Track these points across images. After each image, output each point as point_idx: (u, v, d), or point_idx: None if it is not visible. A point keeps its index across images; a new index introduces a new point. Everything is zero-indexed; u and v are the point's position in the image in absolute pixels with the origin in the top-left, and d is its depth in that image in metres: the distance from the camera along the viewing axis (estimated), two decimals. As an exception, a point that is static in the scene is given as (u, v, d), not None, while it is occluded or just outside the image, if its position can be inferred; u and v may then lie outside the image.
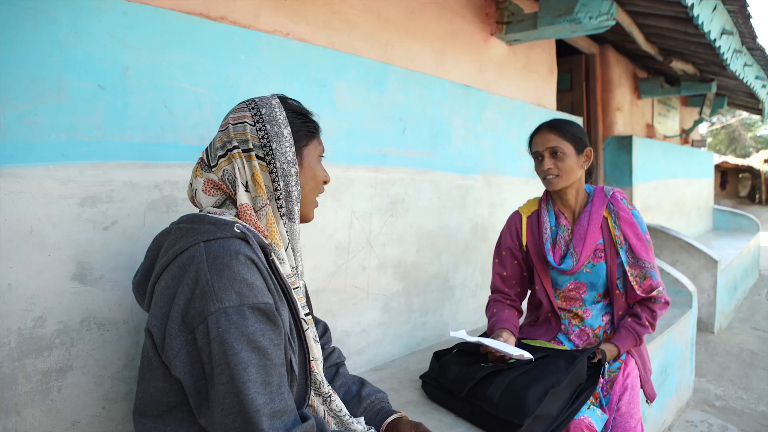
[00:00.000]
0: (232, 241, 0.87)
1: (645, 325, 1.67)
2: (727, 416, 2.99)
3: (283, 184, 0.98)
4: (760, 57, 4.36)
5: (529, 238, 1.83)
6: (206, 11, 1.50)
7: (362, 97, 1.96)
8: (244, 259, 0.86)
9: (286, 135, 0.99)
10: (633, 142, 4.93)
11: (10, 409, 1.09)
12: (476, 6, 2.80)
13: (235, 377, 0.81)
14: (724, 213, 7.98)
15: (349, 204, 1.92)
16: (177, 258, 0.87)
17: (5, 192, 1.07)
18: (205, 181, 0.99)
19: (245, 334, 0.82)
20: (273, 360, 0.85)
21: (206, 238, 0.87)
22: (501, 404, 1.39)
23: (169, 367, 0.85)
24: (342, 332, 1.92)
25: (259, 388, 0.82)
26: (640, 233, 1.70)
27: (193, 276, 0.84)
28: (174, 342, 0.84)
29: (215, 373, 0.82)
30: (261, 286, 0.87)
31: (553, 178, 1.71)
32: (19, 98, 1.08)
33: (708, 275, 4.48)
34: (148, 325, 0.88)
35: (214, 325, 0.81)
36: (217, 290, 0.82)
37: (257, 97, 1.03)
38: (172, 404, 0.90)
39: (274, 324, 0.87)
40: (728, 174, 21.42)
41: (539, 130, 1.75)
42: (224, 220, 0.91)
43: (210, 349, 0.81)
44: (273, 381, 0.85)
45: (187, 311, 0.83)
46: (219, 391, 0.82)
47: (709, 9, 2.98)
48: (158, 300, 0.87)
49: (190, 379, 0.84)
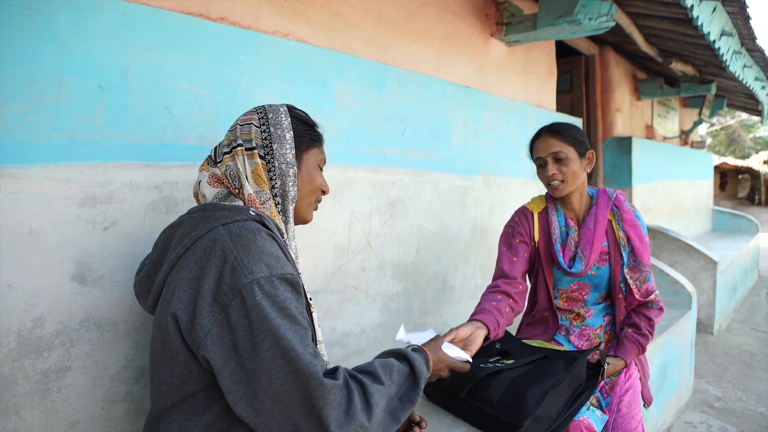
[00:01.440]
0: (250, 223, 0.92)
1: (645, 335, 1.67)
2: (726, 417, 2.99)
3: (281, 183, 1.04)
4: (760, 58, 4.37)
5: (541, 235, 1.79)
6: (206, 12, 1.50)
7: (362, 98, 1.96)
8: (266, 234, 0.92)
9: (288, 138, 1.04)
10: (632, 143, 4.94)
11: (10, 409, 1.08)
12: (476, 7, 2.80)
13: (279, 339, 0.83)
14: (723, 214, 7.98)
15: (349, 204, 1.92)
16: (195, 243, 0.90)
17: (5, 192, 1.07)
18: (210, 174, 1.05)
19: (277, 302, 0.86)
20: (303, 325, 0.89)
21: (224, 222, 0.91)
22: (500, 405, 1.39)
23: (198, 348, 0.85)
24: (341, 333, 1.92)
25: (303, 347, 0.85)
26: (642, 235, 1.70)
27: (219, 255, 0.87)
28: (205, 321, 0.85)
29: (258, 341, 0.83)
30: (285, 258, 0.92)
31: (559, 184, 1.68)
32: (19, 98, 1.08)
33: (707, 276, 4.48)
34: (173, 309, 0.88)
35: (249, 295, 0.84)
36: (246, 263, 0.85)
37: (268, 104, 1.09)
38: (188, 392, 0.90)
39: (298, 293, 0.92)
40: (728, 175, 21.43)
41: (540, 134, 1.72)
42: (238, 206, 0.96)
43: (249, 319, 0.83)
44: (308, 343, 0.87)
45: (219, 288, 0.85)
46: (264, 358, 0.82)
47: (708, 10, 2.98)
48: (181, 285, 0.88)
49: (221, 359, 0.84)
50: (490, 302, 1.58)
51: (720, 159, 18.26)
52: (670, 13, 3.32)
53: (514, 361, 1.55)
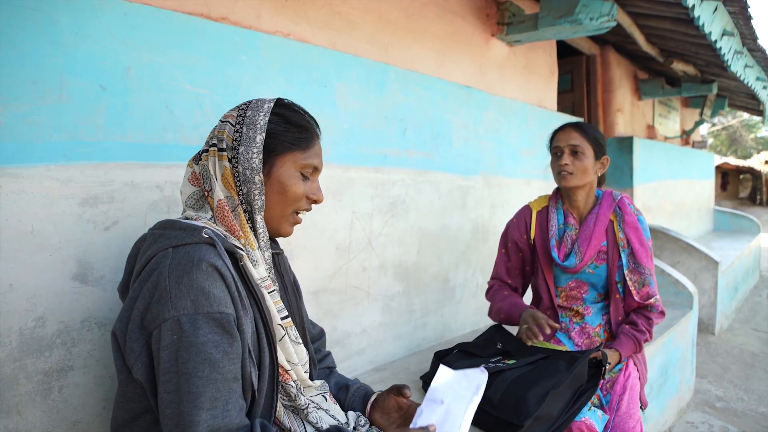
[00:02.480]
0: (198, 247, 0.85)
1: (643, 331, 1.68)
2: (727, 417, 2.99)
3: (246, 190, 0.96)
4: (761, 58, 4.36)
5: (537, 233, 1.85)
6: (207, 12, 1.50)
7: (363, 98, 1.96)
8: (206, 266, 0.84)
9: (258, 141, 0.95)
10: (634, 143, 4.93)
11: (11, 408, 1.09)
12: (477, 7, 2.80)
13: (180, 387, 0.80)
14: (724, 214, 7.97)
15: (350, 204, 1.93)
16: (148, 264, 0.87)
17: (6, 192, 1.07)
18: (192, 171, 1.00)
19: (195, 344, 0.80)
20: (224, 374, 0.83)
21: (174, 244, 0.86)
22: (501, 405, 1.39)
23: (131, 370, 0.85)
24: (342, 333, 1.92)
25: (202, 402, 0.80)
26: (643, 239, 1.72)
27: (154, 280, 0.83)
28: (134, 345, 0.84)
29: (162, 380, 0.81)
30: (220, 295, 0.84)
31: (567, 174, 1.73)
32: (20, 98, 1.08)
33: (709, 276, 4.48)
34: (114, 327, 0.88)
35: (167, 331, 0.80)
36: (173, 297, 0.81)
37: (259, 98, 1.02)
38: (136, 411, 0.90)
39: (230, 335, 0.84)
40: (729, 175, 21.40)
41: (564, 127, 1.78)
42: (194, 225, 0.89)
43: (160, 355, 0.81)
44: (220, 396, 0.82)
45: (146, 315, 0.83)
46: (163, 398, 0.81)
47: (710, 10, 2.98)
48: (125, 304, 0.87)
49: (150, 383, 0.84)
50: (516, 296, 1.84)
51: (721, 159, 18.24)
52: (671, 13, 3.32)
53: (515, 362, 1.55)
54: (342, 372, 1.36)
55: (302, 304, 1.17)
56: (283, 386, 0.99)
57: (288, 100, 1.04)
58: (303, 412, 1.02)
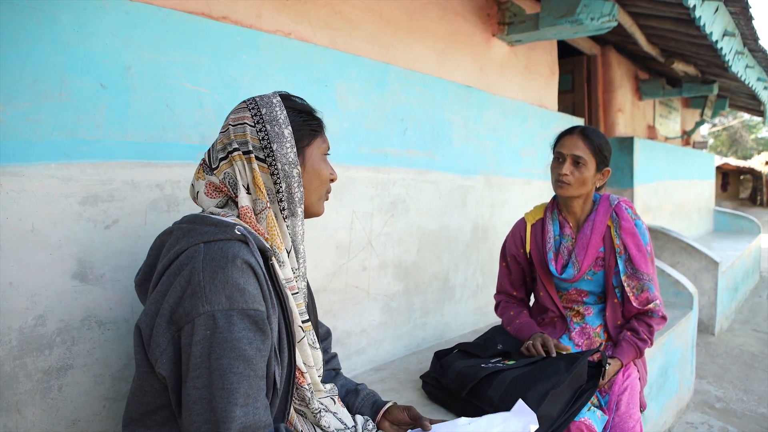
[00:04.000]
0: (232, 244, 0.86)
1: (644, 339, 1.67)
2: (727, 418, 2.99)
3: (285, 185, 0.97)
4: (762, 59, 4.37)
5: (533, 246, 1.84)
6: (208, 11, 1.50)
7: (363, 97, 1.96)
8: (241, 263, 0.84)
9: (287, 135, 0.96)
10: (634, 143, 4.93)
11: (11, 407, 1.09)
12: (478, 7, 2.80)
13: (212, 383, 0.79)
14: (725, 215, 7.96)
15: (350, 204, 1.93)
16: (177, 258, 0.86)
17: (7, 191, 1.07)
18: (207, 183, 0.98)
19: (230, 340, 0.80)
20: (256, 371, 0.83)
21: (206, 239, 0.86)
22: (501, 405, 1.39)
23: (155, 365, 0.84)
24: (342, 332, 1.92)
25: (236, 398, 0.80)
26: (641, 244, 1.70)
27: (186, 275, 0.83)
28: (161, 339, 0.83)
29: (191, 376, 0.80)
30: (254, 292, 0.85)
31: (565, 184, 1.70)
32: (21, 97, 1.08)
33: (709, 277, 4.48)
34: (138, 321, 0.87)
35: (200, 327, 0.80)
36: (207, 292, 0.81)
37: (258, 95, 1.01)
38: (152, 406, 0.89)
39: (262, 332, 0.85)
40: (729, 176, 21.38)
41: (572, 132, 1.73)
42: (225, 222, 0.90)
43: (191, 350, 0.80)
44: (252, 393, 0.82)
45: (176, 309, 0.83)
46: (191, 395, 0.80)
47: (711, 10, 2.98)
48: (153, 297, 0.87)
49: (174, 378, 0.84)
50: (525, 315, 1.84)
51: (722, 159, 18.21)
52: (672, 14, 3.32)
53: (515, 362, 1.55)
54: (342, 371, 1.36)
55: (316, 308, 1.18)
56: (297, 389, 0.99)
57: (285, 92, 1.05)
58: (315, 416, 1.02)
